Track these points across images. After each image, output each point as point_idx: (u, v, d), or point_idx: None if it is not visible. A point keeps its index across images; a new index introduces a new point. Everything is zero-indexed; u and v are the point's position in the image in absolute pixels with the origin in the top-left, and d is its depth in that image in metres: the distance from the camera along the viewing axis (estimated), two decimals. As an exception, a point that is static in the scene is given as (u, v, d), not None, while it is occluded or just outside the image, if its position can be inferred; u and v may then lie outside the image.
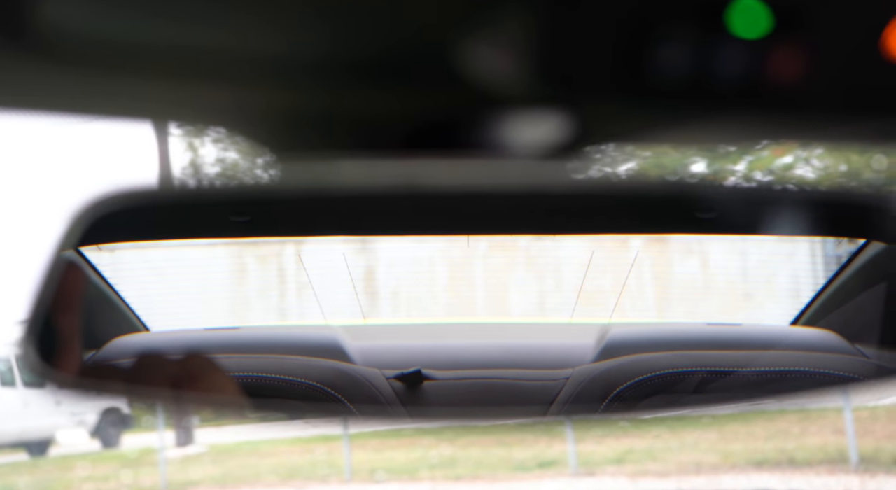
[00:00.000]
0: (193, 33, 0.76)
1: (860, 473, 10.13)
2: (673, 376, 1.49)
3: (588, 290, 1.77)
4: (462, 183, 0.97)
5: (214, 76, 0.81)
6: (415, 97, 0.84)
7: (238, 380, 1.46)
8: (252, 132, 0.92)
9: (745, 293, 1.83)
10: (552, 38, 0.71)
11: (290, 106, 0.87)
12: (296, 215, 1.40)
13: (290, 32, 0.76)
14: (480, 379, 1.55)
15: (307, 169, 0.96)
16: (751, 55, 0.74)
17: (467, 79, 0.76)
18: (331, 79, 0.82)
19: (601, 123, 0.82)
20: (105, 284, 1.55)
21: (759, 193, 1.22)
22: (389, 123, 0.88)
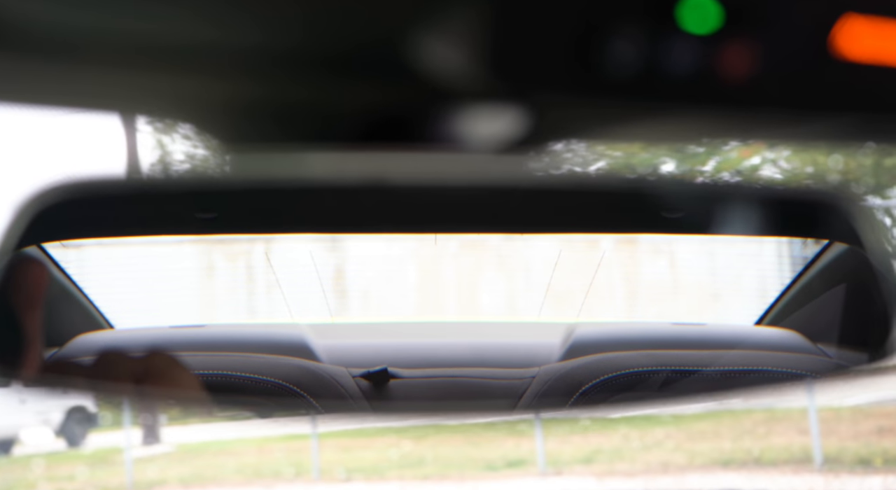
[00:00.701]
0: (153, 24, 0.75)
1: (824, 473, 10.25)
2: (637, 375, 1.50)
3: (556, 290, 1.77)
4: (423, 177, 0.97)
5: (176, 68, 0.81)
6: (373, 91, 0.84)
7: (203, 378, 1.45)
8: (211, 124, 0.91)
9: (713, 293, 1.84)
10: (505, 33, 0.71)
11: (249, 99, 0.87)
12: (261, 211, 1.39)
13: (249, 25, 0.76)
14: (447, 377, 1.55)
15: (266, 163, 0.96)
16: (701, 51, 0.74)
17: (423, 73, 0.77)
18: (290, 72, 0.81)
19: (557, 119, 0.82)
20: (68, 281, 1.53)
21: (721, 192, 1.23)
22: (350, 117, 0.88)
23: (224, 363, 1.50)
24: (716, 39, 0.74)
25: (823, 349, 1.53)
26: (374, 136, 0.87)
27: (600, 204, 1.30)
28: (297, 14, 0.75)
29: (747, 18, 0.75)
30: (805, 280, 1.57)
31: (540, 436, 11.80)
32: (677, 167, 15.67)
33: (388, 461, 12.57)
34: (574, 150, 0.93)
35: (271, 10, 0.74)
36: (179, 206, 1.27)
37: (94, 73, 0.82)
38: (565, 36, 0.72)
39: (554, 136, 0.87)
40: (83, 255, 1.57)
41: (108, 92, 0.87)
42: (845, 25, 0.77)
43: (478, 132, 0.84)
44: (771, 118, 0.80)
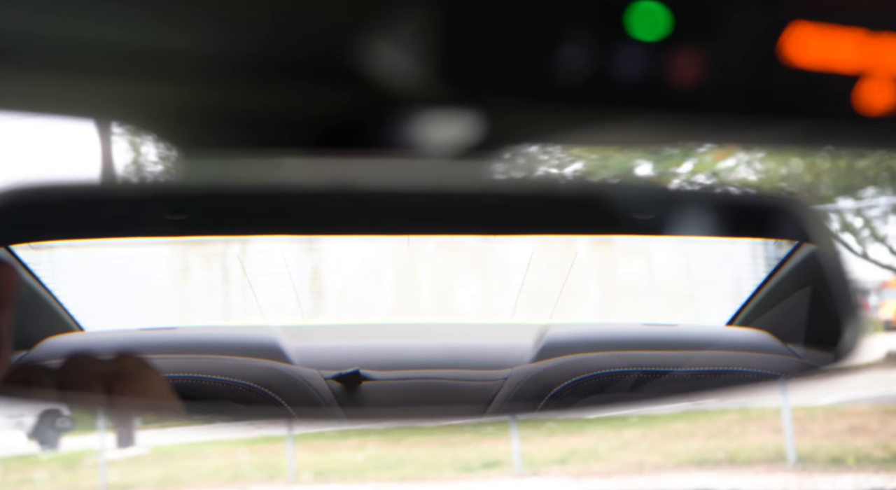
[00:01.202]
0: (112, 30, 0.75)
1: (798, 472, 10.33)
2: (609, 376, 1.51)
3: (530, 291, 1.77)
4: (385, 182, 0.97)
5: (131, 74, 0.80)
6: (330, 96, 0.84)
7: (173, 380, 1.44)
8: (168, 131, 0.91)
9: (688, 294, 1.85)
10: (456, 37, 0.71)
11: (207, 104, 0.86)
12: (231, 214, 1.39)
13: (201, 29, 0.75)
14: (419, 379, 1.55)
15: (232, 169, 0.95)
16: (650, 57, 0.74)
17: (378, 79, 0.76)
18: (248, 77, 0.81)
19: (512, 124, 0.82)
20: (37, 283, 1.51)
21: (680, 197, 1.24)
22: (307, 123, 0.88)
23: (195, 366, 1.49)
24: (665, 46, 0.75)
25: (793, 349, 1.54)
26: (331, 141, 0.87)
27: (572, 206, 1.31)
28: (254, 20, 0.74)
29: (696, 25, 0.75)
30: (775, 281, 1.58)
31: (516, 437, 11.81)
32: (653, 169, 15.75)
33: (364, 463, 12.54)
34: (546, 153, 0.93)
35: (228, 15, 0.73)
36: (149, 208, 1.26)
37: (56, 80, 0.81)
38: (516, 41, 0.72)
39: (511, 141, 0.87)
40: (54, 256, 1.56)
41: (69, 99, 0.86)
42: (794, 32, 0.78)
43: (434, 137, 0.84)
44: (722, 123, 0.80)
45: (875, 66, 0.81)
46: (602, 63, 0.74)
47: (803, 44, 0.79)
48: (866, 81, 0.81)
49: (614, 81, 0.74)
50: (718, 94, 0.78)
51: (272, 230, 1.56)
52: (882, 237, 18.84)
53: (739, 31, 0.77)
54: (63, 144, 31.67)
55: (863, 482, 9.63)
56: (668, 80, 0.76)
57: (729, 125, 0.81)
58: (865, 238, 18.80)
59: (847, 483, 9.67)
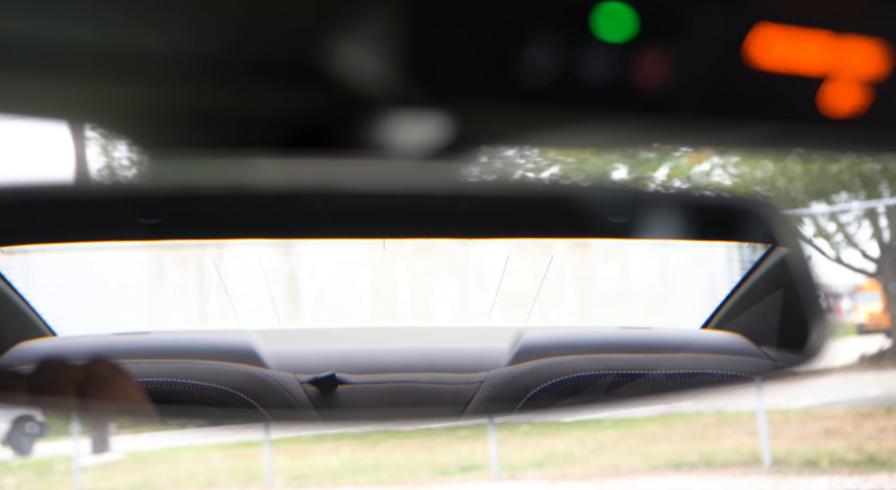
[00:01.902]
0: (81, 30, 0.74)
1: (773, 475, 10.40)
2: (584, 379, 1.51)
3: (507, 294, 1.78)
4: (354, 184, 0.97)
5: (98, 75, 0.80)
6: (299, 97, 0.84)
7: (147, 385, 1.43)
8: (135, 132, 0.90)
9: (664, 297, 1.86)
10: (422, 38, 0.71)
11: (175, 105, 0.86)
12: (203, 217, 1.38)
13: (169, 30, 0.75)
14: (395, 383, 1.55)
15: (203, 170, 0.95)
16: (617, 59, 0.75)
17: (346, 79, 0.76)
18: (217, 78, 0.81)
19: (481, 126, 0.82)
20: (8, 287, 1.50)
21: (649, 199, 1.25)
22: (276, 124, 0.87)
23: (169, 370, 1.48)
24: (631, 47, 0.75)
25: (766, 352, 1.55)
26: (303, 142, 0.87)
27: (546, 210, 1.31)
28: (225, 20, 0.74)
29: (662, 26, 0.76)
30: (749, 283, 1.59)
31: (493, 440, 11.82)
32: (629, 173, 15.81)
33: (341, 467, 12.51)
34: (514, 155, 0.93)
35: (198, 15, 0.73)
36: (121, 211, 1.25)
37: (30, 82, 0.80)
38: (482, 41, 0.72)
39: (481, 142, 0.87)
40: (26, 261, 1.54)
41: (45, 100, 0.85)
42: (759, 34, 0.79)
43: (404, 138, 0.84)
44: (690, 125, 0.80)
45: (839, 68, 0.81)
46: (568, 64, 0.74)
47: (768, 45, 0.79)
48: (831, 83, 0.81)
49: (581, 82, 0.74)
50: (686, 95, 0.78)
51: (247, 234, 1.55)
52: (855, 241, 19.01)
53: (705, 32, 0.77)
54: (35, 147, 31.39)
55: (837, 484, 9.70)
56: (635, 82, 0.76)
57: (697, 127, 0.81)
58: (839, 242, 18.97)
59: (821, 485, 9.75)
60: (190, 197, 1.09)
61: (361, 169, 0.91)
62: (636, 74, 0.76)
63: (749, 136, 0.85)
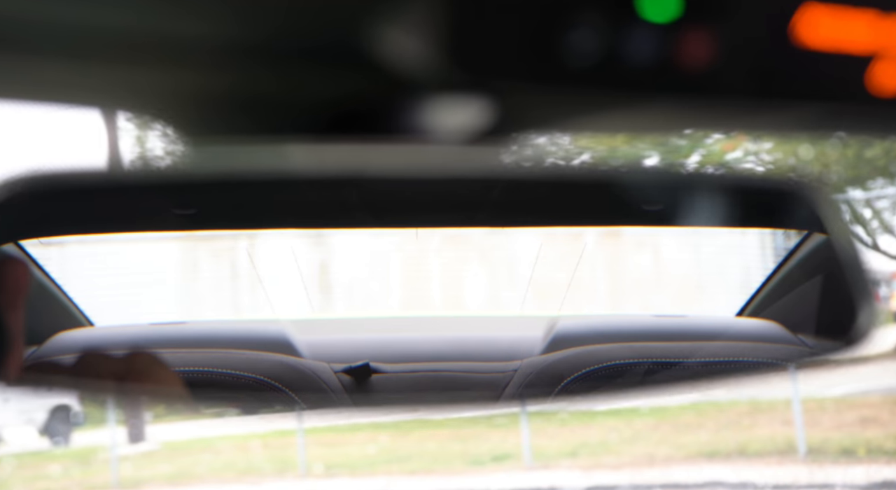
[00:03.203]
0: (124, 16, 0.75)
1: (808, 464, 10.32)
2: (619, 367, 1.51)
3: (539, 283, 1.78)
4: (395, 169, 0.97)
5: (142, 61, 0.80)
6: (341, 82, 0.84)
7: (184, 375, 1.44)
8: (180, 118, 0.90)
9: (696, 285, 1.85)
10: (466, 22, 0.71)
11: (218, 91, 0.86)
12: (239, 206, 1.39)
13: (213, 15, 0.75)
14: (429, 372, 1.55)
15: (242, 157, 0.95)
16: (662, 40, 0.74)
17: (386, 63, 0.76)
18: (260, 64, 0.81)
19: (522, 110, 0.82)
20: (47, 278, 1.52)
21: (696, 184, 1.23)
22: (318, 109, 0.88)
23: (205, 360, 1.49)
24: (676, 28, 0.74)
25: (803, 339, 1.54)
26: (341, 127, 0.87)
27: (580, 197, 1.31)
28: (267, 5, 0.74)
29: (708, 6, 0.75)
30: (785, 270, 1.58)
31: (526, 430, 11.82)
32: (661, 160, 15.69)
33: (374, 456, 12.57)
34: (554, 143, 0.93)
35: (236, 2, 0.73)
36: (157, 201, 1.26)
37: (65, 67, 0.81)
38: (526, 25, 0.72)
39: (522, 127, 0.87)
40: (63, 252, 1.56)
41: (77, 86, 0.86)
42: (806, 13, 0.78)
43: (445, 123, 0.84)
44: (734, 107, 0.80)
45: (888, 46, 0.80)
46: (613, 46, 0.73)
47: (815, 25, 0.78)
48: (879, 63, 0.80)
49: (625, 64, 0.74)
50: (731, 76, 0.77)
51: (281, 223, 1.56)
52: (891, 228, 18.76)
53: (751, 11, 0.76)
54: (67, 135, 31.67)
55: (874, 473, 9.61)
56: (680, 63, 0.75)
57: (742, 109, 0.80)
58: (875, 229, 18.73)
59: (858, 474, 9.66)
60: (225, 186, 1.10)
61: (399, 154, 0.91)
62: (681, 55, 0.75)
63: (794, 117, 0.84)
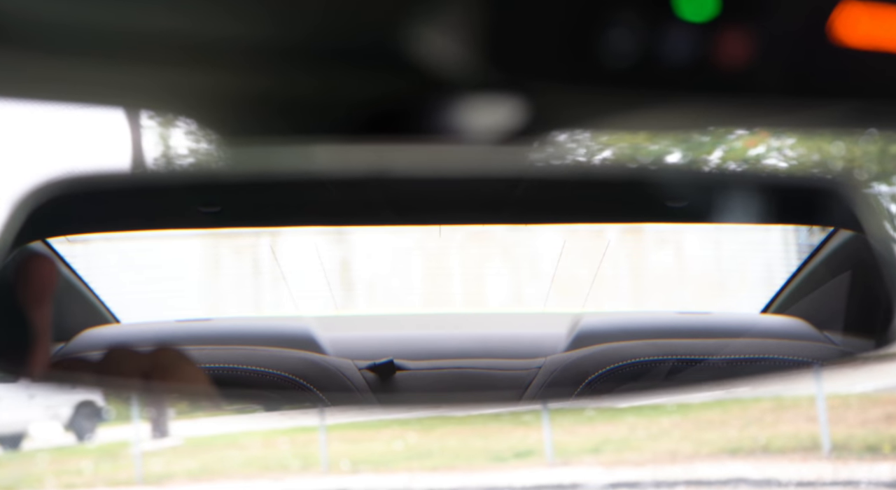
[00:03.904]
0: (156, 18, 0.75)
1: (833, 460, 10.25)
2: (643, 364, 1.50)
3: (561, 280, 1.77)
4: (423, 168, 0.97)
5: (176, 61, 0.81)
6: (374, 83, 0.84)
7: (209, 371, 1.45)
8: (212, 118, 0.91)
9: (719, 282, 1.84)
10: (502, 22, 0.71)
11: (250, 92, 0.86)
12: (265, 205, 1.40)
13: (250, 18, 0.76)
14: (453, 369, 1.55)
15: (265, 155, 0.96)
16: (699, 39, 0.74)
17: (418, 63, 0.76)
18: (291, 64, 0.81)
19: (555, 109, 0.82)
20: (74, 275, 1.53)
21: (725, 181, 1.22)
22: (344, 108, 0.88)
23: (230, 356, 1.50)
24: (713, 27, 0.74)
25: (829, 336, 1.53)
26: (374, 127, 0.87)
27: (604, 194, 1.30)
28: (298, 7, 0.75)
29: (745, 5, 0.75)
30: (811, 267, 1.57)
31: (547, 426, 11.81)
32: (683, 157, 15.61)
33: (396, 453, 12.59)
34: (576, 140, 0.93)
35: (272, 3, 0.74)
36: (183, 200, 1.27)
37: (98, 68, 0.82)
38: (562, 25, 0.71)
39: (554, 126, 0.87)
40: (89, 249, 1.57)
41: (111, 86, 0.87)
42: (844, 11, 0.77)
43: (477, 123, 0.84)
44: (770, 105, 0.79)
45: None
46: (650, 45, 0.73)
47: (853, 23, 0.78)
48: None
49: (662, 64, 0.74)
50: (766, 75, 0.77)
51: (304, 221, 1.57)
52: (917, 223, 18.60)
53: (789, 10, 0.76)
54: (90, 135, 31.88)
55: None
56: (716, 62, 0.75)
57: (775, 107, 0.80)
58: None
59: (883, 471, 9.58)
60: (252, 185, 1.10)
61: (427, 154, 0.91)
62: (717, 54, 0.75)
63: (829, 115, 0.84)
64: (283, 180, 1.05)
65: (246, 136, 0.91)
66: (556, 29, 0.72)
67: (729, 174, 1.27)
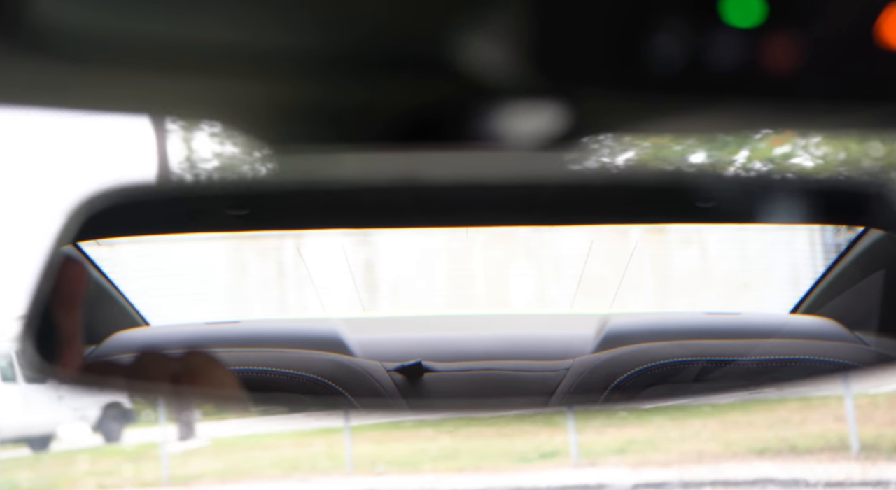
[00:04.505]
0: (189, 26, 0.76)
1: (861, 461, 10.15)
2: (673, 366, 1.50)
3: (587, 281, 1.77)
4: (460, 174, 0.97)
5: (210, 69, 0.81)
6: (411, 89, 0.84)
7: (238, 373, 1.46)
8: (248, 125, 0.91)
9: (745, 282, 1.83)
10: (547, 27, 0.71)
11: (287, 99, 0.87)
12: (294, 209, 1.40)
13: (285, 24, 0.76)
14: (481, 370, 1.55)
15: (304, 162, 0.96)
16: (745, 44, 0.73)
17: (463, 70, 0.76)
18: (329, 71, 0.81)
19: (598, 114, 0.82)
20: (104, 279, 1.55)
21: (757, 182, 1.22)
22: (386, 115, 0.88)
23: (259, 359, 1.51)
24: (760, 32, 0.74)
25: (861, 337, 1.51)
26: (414, 135, 0.87)
27: (634, 195, 1.30)
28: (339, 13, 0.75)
29: (792, 10, 0.74)
30: (841, 267, 1.55)
31: (573, 427, 11.77)
32: (708, 157, 15.52)
33: (422, 454, 12.60)
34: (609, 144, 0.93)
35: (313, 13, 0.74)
36: (213, 203, 1.28)
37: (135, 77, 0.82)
38: (608, 30, 0.71)
39: (594, 132, 0.87)
40: (117, 253, 1.59)
41: (140, 95, 0.87)
42: (891, 14, 0.76)
43: (517, 129, 0.84)
44: (815, 109, 0.79)
45: None
46: (697, 51, 0.73)
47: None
48: None
49: (709, 69, 0.74)
50: (812, 79, 0.76)
51: (332, 224, 1.57)
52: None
53: (835, 14, 0.76)
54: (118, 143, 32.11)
55: (929, 471, 9.44)
56: (762, 67, 0.74)
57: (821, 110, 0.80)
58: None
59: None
60: (282, 188, 1.11)
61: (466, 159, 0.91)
62: (764, 59, 0.74)
63: (873, 117, 0.83)
64: (313, 186, 1.06)
65: (291, 145, 0.92)
66: (602, 35, 0.71)
67: (766, 176, 1.26)
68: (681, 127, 0.87)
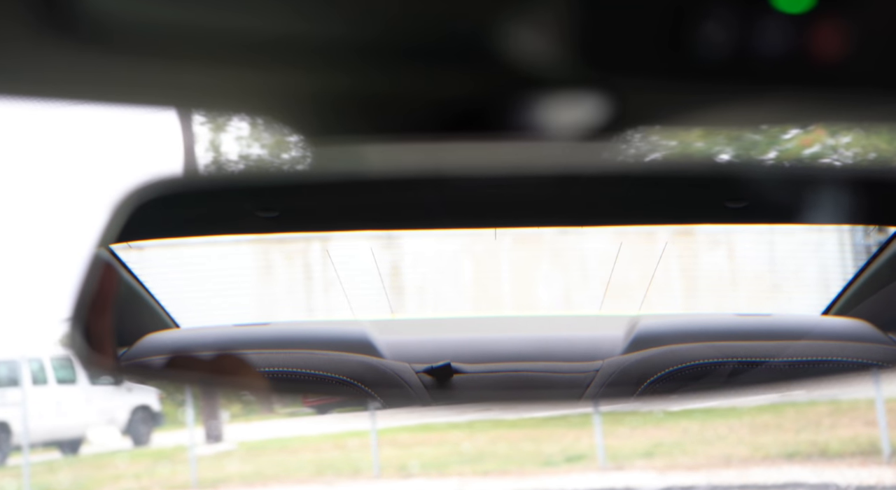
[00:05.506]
0: (223, 16, 0.76)
1: (893, 465, 10.04)
2: (703, 367, 1.49)
3: (615, 283, 1.76)
4: (497, 166, 0.97)
5: (245, 60, 0.81)
6: (451, 79, 0.84)
7: (268, 375, 1.47)
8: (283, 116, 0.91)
9: (773, 284, 1.82)
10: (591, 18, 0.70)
11: (324, 90, 0.86)
12: (325, 207, 1.40)
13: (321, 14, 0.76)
14: (510, 372, 1.55)
15: (337, 155, 0.96)
16: (794, 31, 0.72)
17: (505, 60, 0.76)
18: (364, 61, 0.81)
19: (641, 105, 0.81)
20: (135, 281, 1.56)
21: (791, 176, 1.20)
22: (425, 106, 0.87)
23: (289, 360, 1.51)
24: (810, 18, 0.72)
25: (894, 339, 1.50)
26: (452, 125, 0.87)
27: (665, 192, 1.29)
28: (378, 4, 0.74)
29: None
30: (873, 269, 1.54)
31: (599, 430, 11.73)
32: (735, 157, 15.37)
33: (448, 457, 12.59)
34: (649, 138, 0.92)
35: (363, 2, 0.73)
36: (245, 204, 1.28)
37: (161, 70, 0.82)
38: (655, 19, 0.71)
39: (636, 123, 0.86)
40: (146, 255, 1.60)
41: (174, 87, 0.87)
42: None
43: (558, 121, 0.83)
44: (864, 98, 0.77)
45: None
46: (744, 39, 0.72)
47: None
48: None
49: (757, 58, 0.72)
50: (862, 67, 0.75)
51: (361, 224, 1.57)
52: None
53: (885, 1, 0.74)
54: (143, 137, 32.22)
55: (962, 475, 9.32)
56: (812, 55, 0.73)
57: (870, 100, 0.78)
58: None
59: (945, 476, 9.37)
60: (313, 187, 1.11)
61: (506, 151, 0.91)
62: (813, 47, 0.73)
63: None
64: (348, 182, 1.06)
65: (326, 136, 0.92)
66: (648, 24, 0.71)
67: (801, 171, 1.24)
68: (724, 118, 0.86)
